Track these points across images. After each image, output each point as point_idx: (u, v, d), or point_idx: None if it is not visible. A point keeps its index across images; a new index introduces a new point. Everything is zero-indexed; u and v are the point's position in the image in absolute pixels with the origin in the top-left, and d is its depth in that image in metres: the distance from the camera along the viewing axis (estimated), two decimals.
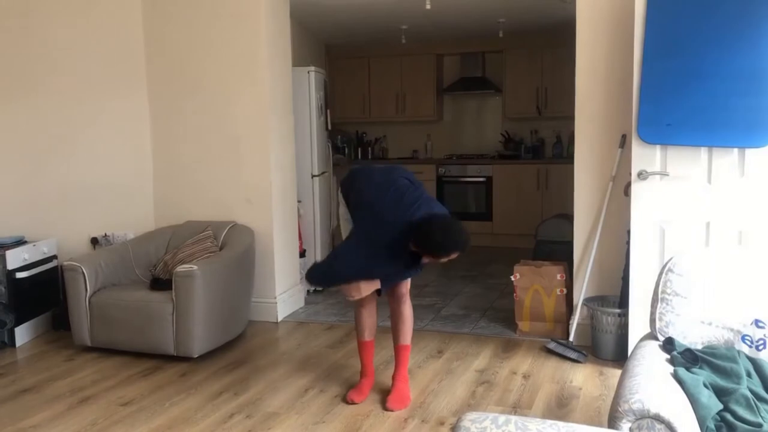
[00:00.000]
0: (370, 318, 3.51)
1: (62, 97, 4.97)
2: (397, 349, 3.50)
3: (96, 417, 3.30)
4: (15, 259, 4.41)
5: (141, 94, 4.99)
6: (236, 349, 4.28)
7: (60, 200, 5.00)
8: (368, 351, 3.55)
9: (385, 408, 3.33)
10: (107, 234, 4.95)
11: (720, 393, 2.00)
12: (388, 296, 3.45)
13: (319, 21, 6.93)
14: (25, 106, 4.99)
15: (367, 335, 3.52)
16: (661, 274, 2.38)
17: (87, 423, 3.23)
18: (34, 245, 4.61)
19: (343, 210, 3.44)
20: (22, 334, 4.47)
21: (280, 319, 4.91)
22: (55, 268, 4.73)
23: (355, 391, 3.46)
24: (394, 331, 3.51)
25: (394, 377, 3.49)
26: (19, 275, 4.40)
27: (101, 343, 4.18)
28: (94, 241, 4.95)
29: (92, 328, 4.16)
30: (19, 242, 4.62)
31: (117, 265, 4.40)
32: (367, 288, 3.23)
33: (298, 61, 5.83)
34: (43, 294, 4.65)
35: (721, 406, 1.95)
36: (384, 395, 3.43)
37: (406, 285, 3.49)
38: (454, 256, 2.99)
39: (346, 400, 3.42)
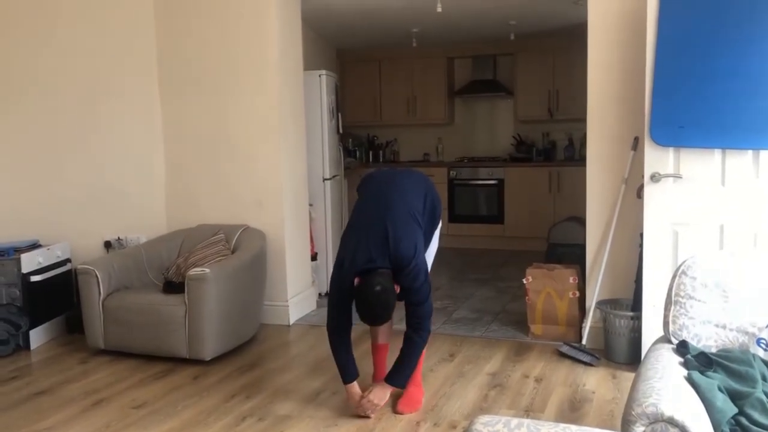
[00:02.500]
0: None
1: (75, 100, 5.01)
2: None
3: (109, 420, 3.32)
4: (29, 262, 4.45)
5: (153, 97, 5.02)
6: (248, 352, 4.29)
7: (73, 204, 5.04)
8: (380, 354, 3.53)
9: (395, 411, 3.32)
10: (120, 237, 4.98)
11: (735, 397, 1.98)
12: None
13: (331, 25, 6.95)
14: (37, 110, 5.04)
15: (381, 338, 3.50)
16: (674, 277, 2.37)
17: (100, 425, 3.25)
18: (48, 249, 4.65)
19: None
20: (37, 337, 4.50)
21: (291, 322, 4.91)
22: (68, 272, 4.76)
23: None
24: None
25: None
26: (34, 279, 4.44)
27: (114, 346, 4.20)
28: (108, 245, 4.98)
29: (105, 331, 4.18)
30: (34, 246, 4.66)
31: (130, 268, 4.43)
32: (378, 396, 3.25)
33: (310, 64, 5.84)
34: (57, 297, 4.68)
35: (736, 410, 1.93)
36: (396, 398, 3.42)
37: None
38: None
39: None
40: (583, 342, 4.12)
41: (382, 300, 3.00)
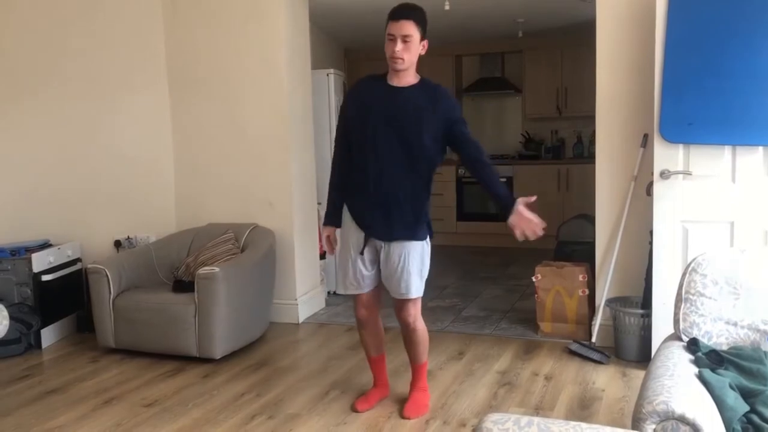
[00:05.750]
0: (373, 337, 3.39)
1: (85, 101, 5.03)
2: (412, 366, 3.41)
3: (120, 418, 3.33)
4: (40, 262, 4.47)
5: (162, 97, 5.03)
6: (258, 351, 4.30)
7: (83, 203, 5.06)
8: (378, 365, 3.46)
9: (401, 416, 3.27)
10: (130, 237, 5.00)
11: (746, 394, 1.97)
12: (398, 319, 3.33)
13: (338, 24, 6.95)
14: (47, 110, 5.06)
15: (374, 351, 3.43)
16: (684, 274, 2.36)
17: (111, 424, 3.27)
18: (58, 248, 4.67)
19: None
20: (48, 336, 4.53)
21: (301, 321, 4.92)
22: (79, 271, 4.79)
23: (362, 399, 3.38)
24: (407, 351, 3.38)
25: (411, 386, 3.41)
26: (45, 278, 4.47)
27: (125, 344, 4.22)
28: (118, 244, 5.00)
29: (116, 330, 4.20)
30: (44, 245, 4.69)
31: (140, 267, 4.45)
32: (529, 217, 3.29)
33: (318, 63, 5.85)
34: (67, 296, 4.71)
35: (747, 408, 1.92)
36: (402, 403, 3.36)
37: (413, 308, 3.24)
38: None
39: (352, 408, 3.35)
40: (593, 340, 4.11)
41: None
